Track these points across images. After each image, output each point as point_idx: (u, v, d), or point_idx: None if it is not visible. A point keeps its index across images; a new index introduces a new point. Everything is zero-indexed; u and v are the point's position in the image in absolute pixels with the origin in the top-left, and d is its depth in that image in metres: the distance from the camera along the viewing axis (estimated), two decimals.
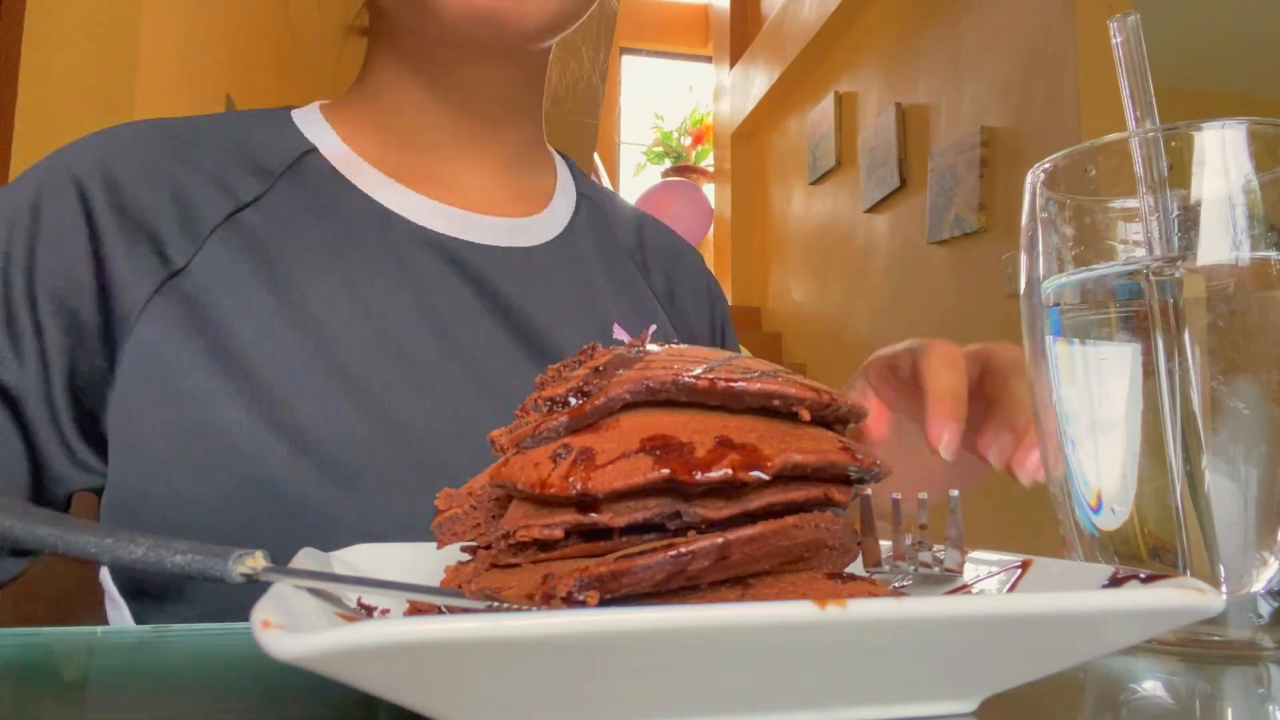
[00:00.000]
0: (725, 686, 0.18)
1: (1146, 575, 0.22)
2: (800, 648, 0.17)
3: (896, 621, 0.17)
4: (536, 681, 0.17)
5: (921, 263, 2.92)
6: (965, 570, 0.30)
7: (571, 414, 0.23)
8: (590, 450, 0.22)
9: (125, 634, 0.33)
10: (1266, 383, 0.29)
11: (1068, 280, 0.33)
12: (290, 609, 0.20)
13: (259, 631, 0.16)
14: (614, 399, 0.23)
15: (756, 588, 0.22)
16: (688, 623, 0.16)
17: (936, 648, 0.18)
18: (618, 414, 0.23)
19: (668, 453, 0.21)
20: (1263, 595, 0.29)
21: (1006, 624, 0.18)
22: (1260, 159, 0.30)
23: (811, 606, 0.16)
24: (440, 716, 0.17)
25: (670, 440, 0.22)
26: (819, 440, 0.23)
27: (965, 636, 0.18)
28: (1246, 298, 0.29)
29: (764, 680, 0.18)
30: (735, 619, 0.16)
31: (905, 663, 0.18)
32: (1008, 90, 2.48)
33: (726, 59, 5.03)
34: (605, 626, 0.15)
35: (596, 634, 0.15)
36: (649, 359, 0.24)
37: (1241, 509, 0.29)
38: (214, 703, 0.25)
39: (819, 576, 0.23)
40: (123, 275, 0.46)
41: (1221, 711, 0.24)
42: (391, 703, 0.17)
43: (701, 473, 0.21)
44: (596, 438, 0.22)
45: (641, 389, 0.23)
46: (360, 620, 0.16)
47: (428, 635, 0.15)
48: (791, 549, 0.22)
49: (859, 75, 3.53)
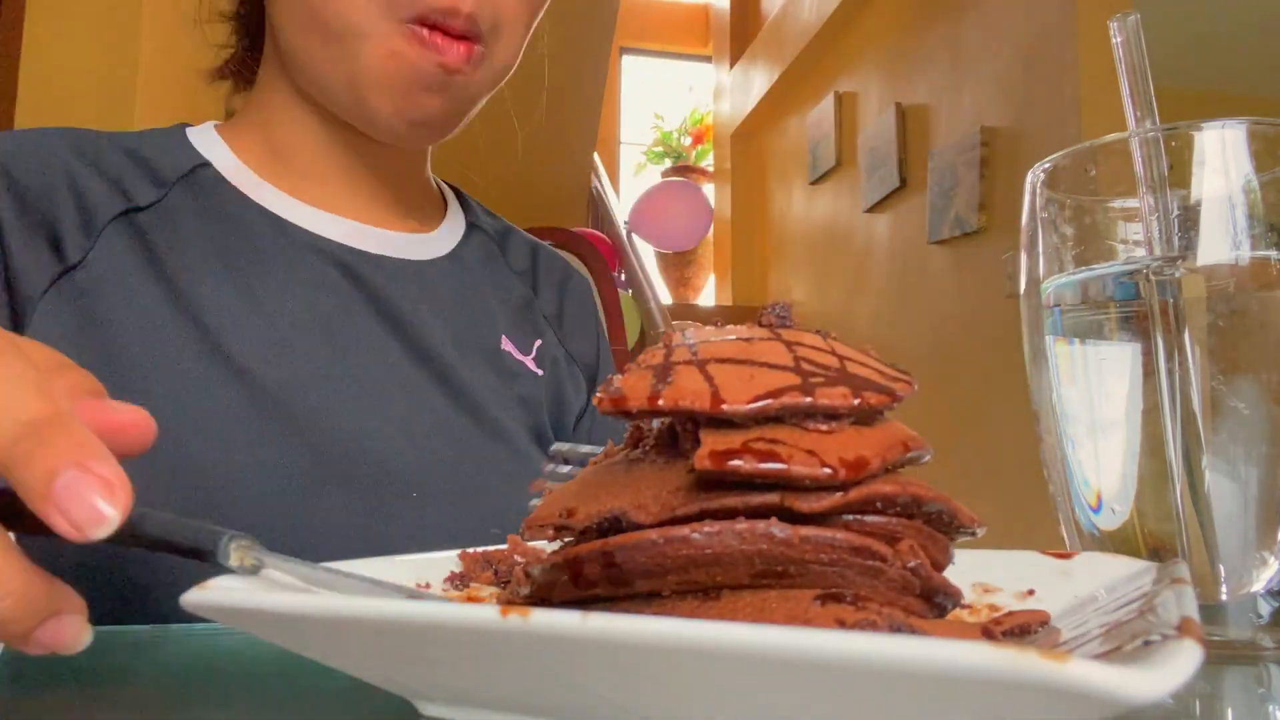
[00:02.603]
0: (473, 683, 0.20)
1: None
2: (492, 653, 0.18)
3: (572, 639, 0.16)
4: (356, 650, 0.20)
5: (921, 263, 2.92)
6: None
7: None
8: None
9: (125, 634, 0.33)
10: (1266, 383, 0.29)
11: (1068, 280, 0.33)
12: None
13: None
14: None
15: (721, 601, 0.21)
16: (401, 615, 0.17)
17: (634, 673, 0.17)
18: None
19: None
20: (1263, 595, 0.29)
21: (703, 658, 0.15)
22: (1260, 159, 0.30)
23: (494, 612, 0.16)
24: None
25: None
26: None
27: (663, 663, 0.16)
28: (1246, 298, 0.29)
29: (487, 681, 0.19)
30: (419, 614, 0.17)
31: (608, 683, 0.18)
32: (1008, 90, 2.48)
33: (726, 59, 5.03)
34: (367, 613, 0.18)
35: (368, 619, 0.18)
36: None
37: (1241, 509, 0.29)
38: (214, 703, 0.25)
39: (803, 595, 0.20)
40: (21, 264, 0.47)
41: (1221, 711, 0.24)
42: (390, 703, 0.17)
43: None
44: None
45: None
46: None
47: (273, 604, 0.19)
48: (712, 559, 0.20)
49: (859, 75, 3.53)
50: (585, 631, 0.15)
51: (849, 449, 0.21)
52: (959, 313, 2.68)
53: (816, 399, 0.21)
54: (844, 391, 0.22)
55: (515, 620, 0.16)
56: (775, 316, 0.25)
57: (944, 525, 0.23)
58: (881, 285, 3.23)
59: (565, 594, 0.21)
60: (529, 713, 0.19)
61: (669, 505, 0.21)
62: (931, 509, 0.22)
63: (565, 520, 0.22)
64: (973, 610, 0.28)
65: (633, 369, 0.23)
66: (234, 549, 0.23)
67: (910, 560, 0.21)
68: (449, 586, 0.31)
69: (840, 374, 0.23)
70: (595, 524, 0.22)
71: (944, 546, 0.23)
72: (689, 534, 0.20)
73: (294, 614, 0.19)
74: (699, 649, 0.15)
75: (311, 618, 0.18)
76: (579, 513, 0.22)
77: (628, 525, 0.21)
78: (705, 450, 0.20)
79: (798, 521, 0.20)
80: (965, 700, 0.14)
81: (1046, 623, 0.24)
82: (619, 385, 0.22)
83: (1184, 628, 0.16)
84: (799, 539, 0.20)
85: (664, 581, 0.21)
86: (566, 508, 0.22)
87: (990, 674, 0.13)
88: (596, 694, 0.18)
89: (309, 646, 0.20)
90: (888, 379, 0.23)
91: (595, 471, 0.24)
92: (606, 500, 0.22)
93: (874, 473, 0.21)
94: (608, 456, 0.25)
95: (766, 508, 0.21)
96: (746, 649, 0.14)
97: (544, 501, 0.24)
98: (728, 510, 0.21)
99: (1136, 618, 0.21)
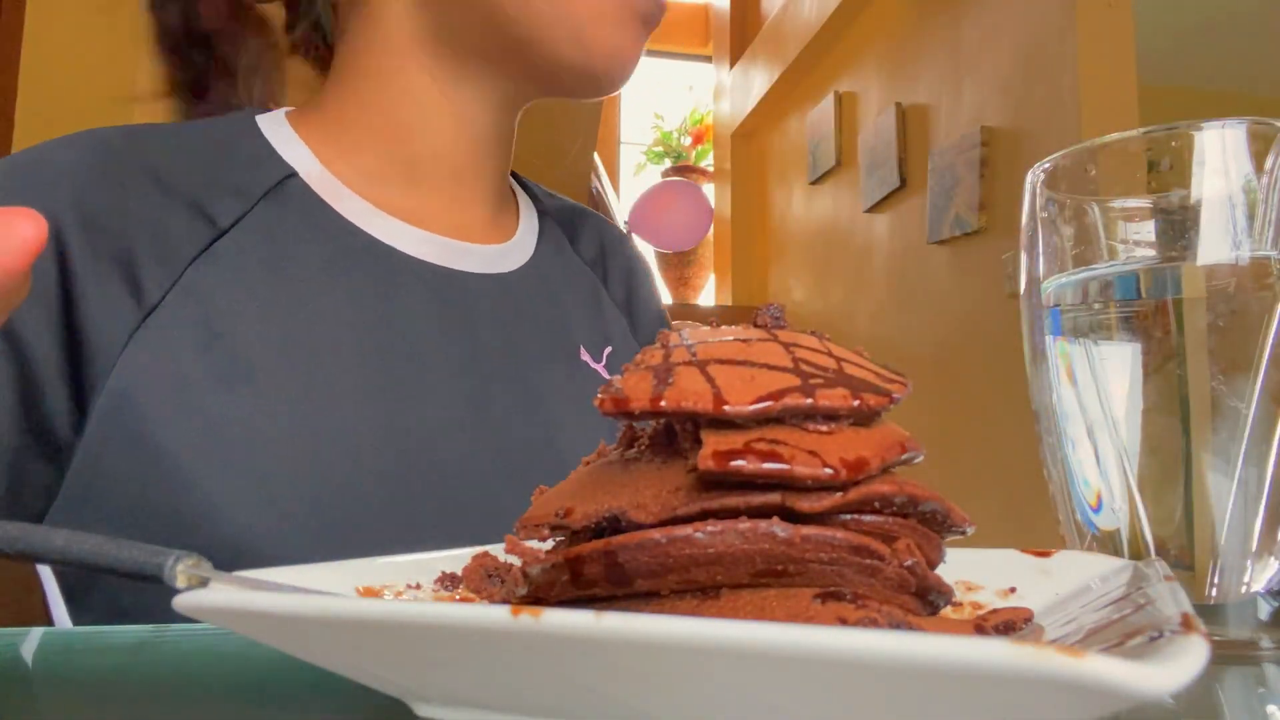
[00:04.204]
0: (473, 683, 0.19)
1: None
2: (501, 652, 0.17)
3: (586, 640, 0.16)
4: (352, 652, 0.20)
5: (921, 263, 2.92)
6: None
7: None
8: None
9: (125, 634, 0.33)
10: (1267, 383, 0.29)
11: (1068, 280, 0.33)
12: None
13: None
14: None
15: (721, 600, 0.21)
16: (400, 615, 0.17)
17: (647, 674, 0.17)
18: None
19: None
20: (1263, 595, 0.29)
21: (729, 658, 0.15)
22: (1260, 159, 0.30)
23: (505, 612, 0.16)
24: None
25: None
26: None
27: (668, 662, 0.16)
28: (1246, 298, 0.29)
29: (493, 682, 0.19)
30: (423, 615, 0.17)
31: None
32: (1008, 90, 2.48)
33: (726, 59, 5.03)
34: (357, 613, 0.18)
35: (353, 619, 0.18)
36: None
37: (1241, 509, 0.29)
38: (214, 703, 0.25)
39: (802, 593, 0.21)
40: (96, 316, 0.44)
41: (1221, 711, 0.24)
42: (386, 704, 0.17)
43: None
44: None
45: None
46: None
47: (260, 604, 0.19)
48: (714, 558, 0.20)
49: (859, 75, 3.53)
50: (600, 632, 0.15)
51: (849, 449, 0.21)
52: (959, 313, 2.68)
53: (817, 400, 0.22)
54: (844, 393, 0.22)
55: (526, 621, 0.16)
56: (770, 317, 0.26)
57: (937, 524, 0.23)
58: (881, 285, 3.23)
59: (564, 594, 0.21)
60: (529, 713, 0.19)
61: (669, 505, 0.21)
62: (926, 508, 0.22)
63: (562, 520, 0.22)
64: (957, 608, 0.28)
65: (632, 369, 0.23)
66: (180, 571, 0.22)
67: (907, 559, 0.21)
68: (439, 588, 0.31)
69: (838, 375, 0.23)
70: (593, 524, 0.22)
71: (937, 545, 0.23)
72: (692, 533, 0.20)
73: (289, 615, 0.18)
74: (727, 649, 0.15)
75: (308, 618, 0.18)
76: (576, 512, 0.22)
77: (627, 525, 0.21)
78: (708, 450, 0.20)
79: (796, 520, 0.21)
80: (977, 696, 0.14)
81: (1030, 620, 0.24)
82: (620, 386, 0.22)
83: (1186, 623, 0.16)
84: (800, 538, 0.20)
85: (664, 581, 0.21)
86: (563, 507, 0.22)
87: (1010, 670, 0.13)
88: (605, 694, 0.18)
89: (303, 648, 0.20)
90: (883, 380, 0.23)
91: (590, 471, 0.24)
92: (604, 500, 0.22)
93: (873, 473, 0.21)
94: (600, 455, 0.25)
95: (768, 507, 0.21)
96: (778, 648, 0.14)
97: (539, 501, 0.24)
98: (729, 509, 0.21)
99: (1131, 614, 0.21)
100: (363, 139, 0.56)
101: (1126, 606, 0.22)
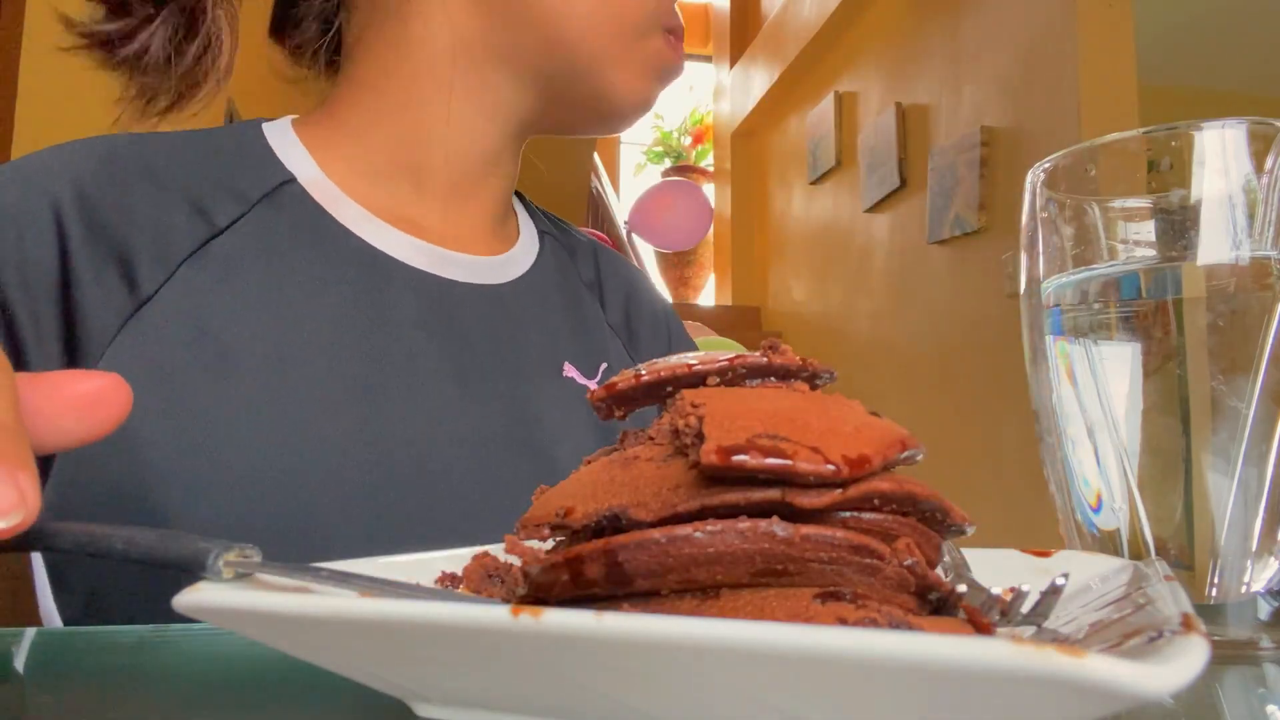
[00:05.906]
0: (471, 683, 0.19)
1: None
2: (500, 652, 0.17)
3: (587, 640, 0.16)
4: (351, 652, 0.20)
5: (921, 263, 2.92)
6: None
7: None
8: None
9: (125, 634, 0.33)
10: (1267, 383, 0.29)
11: (1068, 280, 0.33)
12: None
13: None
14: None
15: (720, 600, 0.21)
16: (391, 614, 0.17)
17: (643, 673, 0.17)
18: None
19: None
20: (1263, 595, 0.29)
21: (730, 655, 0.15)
22: (1260, 159, 0.30)
23: (505, 612, 0.16)
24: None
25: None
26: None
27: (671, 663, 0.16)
28: (1246, 298, 0.29)
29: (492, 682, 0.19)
30: (424, 615, 0.17)
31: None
32: (1008, 90, 2.48)
33: (726, 59, 5.03)
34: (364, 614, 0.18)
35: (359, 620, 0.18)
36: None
37: (1242, 509, 0.29)
38: (214, 703, 0.25)
39: (802, 593, 0.21)
40: (91, 303, 0.44)
41: (1221, 711, 0.24)
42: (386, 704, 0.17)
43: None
44: None
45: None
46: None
47: (268, 604, 0.19)
48: (714, 558, 0.20)
49: (859, 75, 3.53)
50: (600, 632, 0.15)
51: (851, 446, 0.21)
52: (959, 313, 2.68)
53: (771, 361, 0.25)
54: (795, 358, 0.25)
55: (527, 621, 0.16)
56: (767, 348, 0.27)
57: (936, 523, 0.23)
58: (881, 285, 3.23)
59: (564, 593, 0.21)
60: (529, 713, 0.19)
61: (669, 502, 0.21)
62: (926, 507, 0.22)
63: (563, 519, 0.22)
64: None
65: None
66: (223, 564, 0.22)
67: (907, 558, 0.21)
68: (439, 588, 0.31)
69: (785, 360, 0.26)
70: (594, 523, 0.22)
71: (936, 544, 0.23)
72: (692, 533, 0.20)
73: (287, 615, 0.18)
74: (727, 649, 0.15)
75: (307, 618, 0.18)
76: (577, 511, 0.22)
77: (627, 523, 0.21)
78: (712, 445, 0.21)
79: (795, 517, 0.21)
80: (977, 696, 0.14)
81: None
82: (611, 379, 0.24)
83: (1186, 623, 0.16)
84: (800, 538, 0.20)
85: (664, 580, 0.21)
86: (564, 507, 0.22)
87: (1011, 670, 0.13)
88: (605, 694, 0.18)
89: (301, 647, 0.20)
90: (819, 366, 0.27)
91: (590, 470, 0.24)
92: (605, 498, 0.22)
93: (874, 470, 0.21)
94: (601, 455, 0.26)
95: (767, 503, 0.21)
96: (778, 648, 0.14)
97: (539, 501, 0.24)
98: (728, 506, 0.21)
99: (1131, 613, 0.21)
100: (370, 147, 0.56)
101: (1126, 606, 0.22)
